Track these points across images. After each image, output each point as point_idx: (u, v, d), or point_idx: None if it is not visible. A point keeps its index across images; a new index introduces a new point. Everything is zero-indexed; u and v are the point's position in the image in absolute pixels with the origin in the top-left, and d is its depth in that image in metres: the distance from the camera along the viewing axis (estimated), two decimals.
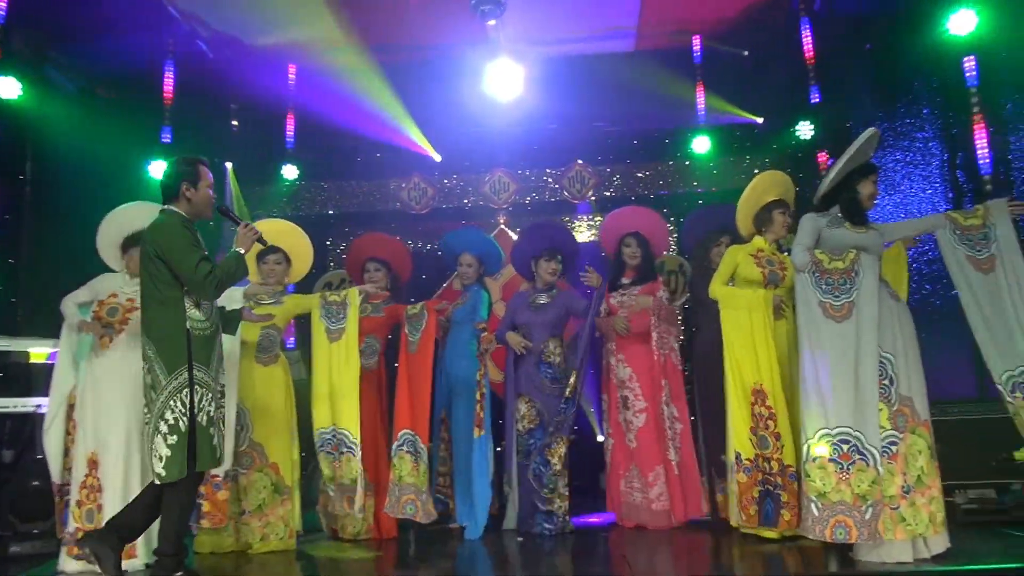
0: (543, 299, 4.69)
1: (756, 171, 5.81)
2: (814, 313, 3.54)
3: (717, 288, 4.25)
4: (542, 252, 4.70)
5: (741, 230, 4.46)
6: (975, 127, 5.36)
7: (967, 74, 5.40)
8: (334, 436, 4.18)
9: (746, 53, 6.64)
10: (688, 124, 6.63)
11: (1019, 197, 5.40)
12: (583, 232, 6.99)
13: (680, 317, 5.79)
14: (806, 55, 6.17)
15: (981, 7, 5.29)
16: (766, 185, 4.40)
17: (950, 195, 5.68)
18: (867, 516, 3.33)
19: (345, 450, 4.14)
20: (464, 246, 4.92)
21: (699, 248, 4.84)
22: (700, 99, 6.59)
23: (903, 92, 6.01)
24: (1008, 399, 3.54)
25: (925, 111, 5.98)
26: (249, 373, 4.28)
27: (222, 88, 6.76)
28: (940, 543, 3.46)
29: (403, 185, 6.93)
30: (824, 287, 3.56)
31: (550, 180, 6.95)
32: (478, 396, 4.52)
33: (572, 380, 4.43)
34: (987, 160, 5.33)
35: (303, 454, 4.51)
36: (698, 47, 6.62)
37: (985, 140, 5.34)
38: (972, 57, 5.38)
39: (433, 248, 6.82)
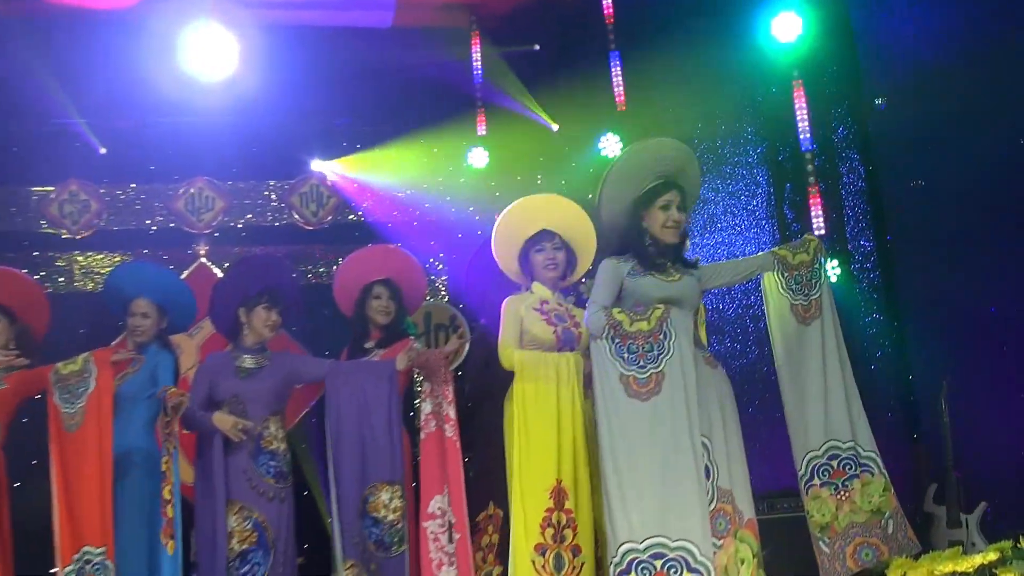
0: (253, 362, 4.50)
1: (554, 193, 5.92)
2: (614, 390, 3.55)
3: (512, 353, 4.13)
4: (256, 297, 4.52)
5: (511, 277, 4.40)
6: (810, 191, 5.52)
7: (795, 91, 5.59)
8: None
9: (537, 47, 6.72)
10: (462, 130, 6.60)
11: (851, 239, 5.99)
12: (317, 276, 6.74)
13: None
14: (610, 50, 6.31)
15: (807, 10, 5.51)
16: (521, 219, 4.33)
17: (776, 236, 6.00)
18: None
19: None
20: (136, 289, 4.70)
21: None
22: (477, 98, 6.59)
23: (723, 104, 6.27)
24: (804, 488, 3.71)
25: (749, 129, 6.31)
26: None
27: None
28: None
29: (52, 196, 6.48)
30: (627, 356, 3.58)
31: (274, 196, 6.77)
32: (165, 491, 4.15)
33: (398, 502, 4.21)
34: (818, 213, 5.49)
35: None
36: (476, 33, 6.60)
37: (818, 198, 5.50)
38: (799, 79, 5.59)
39: (99, 289, 6.32)
